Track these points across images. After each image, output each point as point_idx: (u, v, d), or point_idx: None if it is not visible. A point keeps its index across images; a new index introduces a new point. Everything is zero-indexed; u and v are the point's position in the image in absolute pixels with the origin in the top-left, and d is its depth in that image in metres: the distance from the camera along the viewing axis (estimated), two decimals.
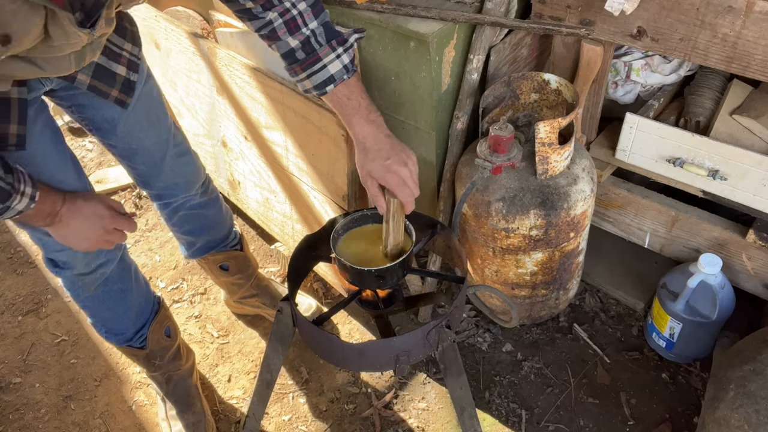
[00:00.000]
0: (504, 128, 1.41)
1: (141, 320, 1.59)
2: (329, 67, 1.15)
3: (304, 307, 1.92)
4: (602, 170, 1.64)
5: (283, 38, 1.15)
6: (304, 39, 1.14)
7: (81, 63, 1.06)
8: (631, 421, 1.61)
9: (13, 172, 1.04)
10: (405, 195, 1.16)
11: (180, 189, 1.56)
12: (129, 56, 1.26)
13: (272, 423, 1.71)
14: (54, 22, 0.87)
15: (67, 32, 0.89)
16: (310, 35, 1.14)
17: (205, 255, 1.77)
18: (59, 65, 1.02)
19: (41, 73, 1.01)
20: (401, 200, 1.16)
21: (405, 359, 1.14)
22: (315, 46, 1.15)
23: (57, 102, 1.28)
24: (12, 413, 1.79)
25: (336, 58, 1.16)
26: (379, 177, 1.16)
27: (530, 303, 1.70)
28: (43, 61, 0.98)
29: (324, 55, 1.15)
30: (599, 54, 1.46)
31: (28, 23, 0.82)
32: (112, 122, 1.33)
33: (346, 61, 1.17)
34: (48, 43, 0.90)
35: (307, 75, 1.17)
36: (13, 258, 2.26)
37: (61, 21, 0.87)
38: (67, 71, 1.06)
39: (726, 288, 1.55)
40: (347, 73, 1.17)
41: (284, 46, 1.16)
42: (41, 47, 0.91)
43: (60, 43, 0.91)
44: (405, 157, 1.17)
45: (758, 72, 1.26)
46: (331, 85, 1.16)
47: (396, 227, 1.19)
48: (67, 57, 1.01)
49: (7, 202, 1.03)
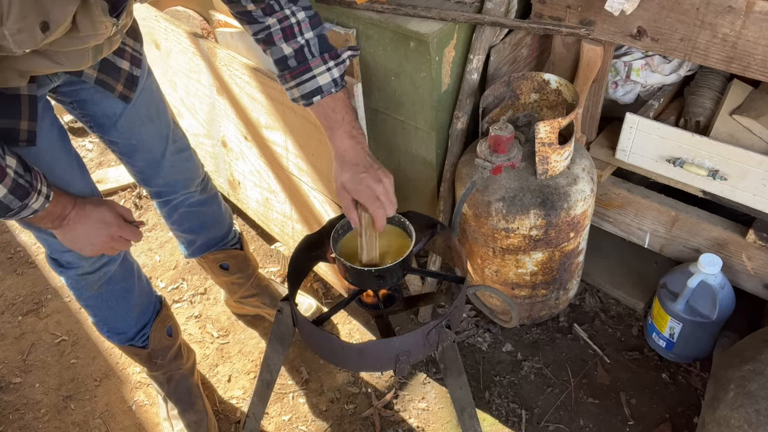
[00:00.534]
0: (504, 128, 1.41)
1: (143, 320, 1.59)
2: (318, 78, 1.17)
3: (304, 307, 1.92)
4: (602, 170, 1.64)
5: (278, 44, 1.16)
6: (298, 47, 1.16)
7: (98, 56, 1.08)
8: (631, 421, 1.61)
9: (31, 170, 1.04)
10: (375, 208, 1.15)
11: (179, 186, 1.56)
12: (132, 51, 1.28)
13: (272, 423, 1.71)
14: (83, 12, 0.88)
15: (94, 22, 0.91)
16: (304, 44, 1.16)
17: (205, 254, 1.77)
18: (78, 60, 1.03)
19: (59, 68, 1.02)
20: (372, 214, 1.16)
21: (405, 359, 1.14)
22: (307, 56, 1.16)
23: (59, 99, 1.29)
24: (12, 413, 1.79)
25: (326, 71, 1.17)
26: (352, 189, 1.16)
27: (530, 303, 1.70)
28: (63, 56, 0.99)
29: (315, 66, 1.16)
30: (599, 54, 1.46)
31: (65, 11, 0.84)
32: (112, 118, 1.34)
33: (335, 75, 1.18)
34: (73, 34, 0.92)
35: (296, 83, 1.18)
36: (13, 258, 2.26)
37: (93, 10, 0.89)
38: (85, 65, 1.07)
39: (726, 288, 1.55)
40: (335, 86, 1.18)
41: (278, 52, 1.17)
42: (64, 39, 0.93)
43: (86, 33, 0.93)
44: (381, 174, 1.17)
45: (758, 72, 1.26)
46: (318, 96, 1.18)
47: (368, 242, 1.19)
48: (87, 51, 1.03)
49: (26, 200, 1.03)
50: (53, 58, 0.98)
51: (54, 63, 1.00)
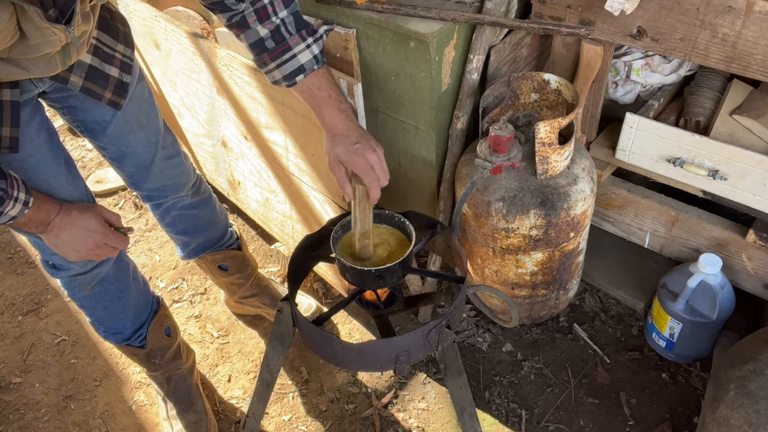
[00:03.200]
0: (504, 128, 1.41)
1: (140, 320, 1.59)
2: (299, 56, 1.15)
3: (304, 307, 1.92)
4: (602, 170, 1.64)
5: (253, 26, 1.14)
6: (274, 28, 1.14)
7: (67, 62, 1.05)
8: (631, 421, 1.61)
9: (6, 177, 1.03)
10: (371, 179, 1.15)
11: (169, 190, 1.56)
12: (122, 58, 1.25)
13: (272, 423, 1.71)
14: (26, 19, 0.86)
15: (40, 29, 0.88)
16: (279, 24, 1.14)
17: (202, 255, 1.77)
18: (45, 66, 1.01)
19: (27, 74, 1.00)
20: (367, 185, 1.15)
21: (405, 359, 1.14)
22: (285, 35, 1.15)
23: (49, 104, 1.28)
24: (12, 413, 1.79)
25: (306, 48, 1.16)
26: (346, 160, 1.16)
27: (530, 303, 1.70)
28: (29, 63, 0.97)
29: (294, 45, 1.15)
30: (599, 54, 1.46)
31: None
32: (102, 124, 1.33)
33: (315, 52, 1.17)
34: (25, 42, 0.89)
35: (276, 65, 1.16)
36: (13, 258, 2.26)
37: (31, 17, 0.85)
38: (54, 71, 1.05)
39: (726, 288, 1.55)
40: (317, 63, 1.17)
41: (253, 35, 1.15)
42: (20, 47, 0.90)
43: (37, 41, 0.90)
44: (374, 144, 1.17)
45: (758, 72, 1.26)
46: (300, 75, 1.16)
47: (362, 214, 1.18)
48: (53, 57, 1.00)
49: (0, 207, 1.03)
50: (20, 65, 0.96)
51: (21, 69, 0.97)
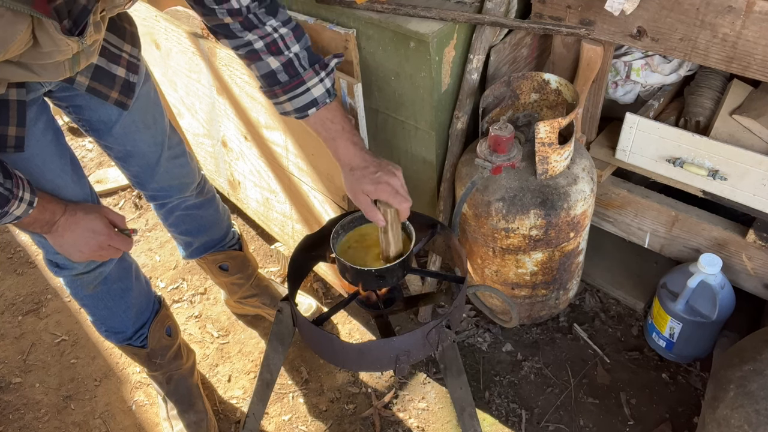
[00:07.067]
0: (504, 128, 1.41)
1: (141, 319, 1.59)
2: (312, 90, 1.16)
3: (304, 307, 1.92)
4: (602, 170, 1.64)
5: (264, 59, 1.14)
6: (287, 61, 1.15)
7: (75, 68, 1.06)
8: (631, 421, 1.61)
9: (12, 177, 1.04)
10: (399, 202, 1.15)
11: (174, 191, 1.56)
12: (128, 58, 1.25)
13: (272, 423, 1.71)
14: (41, 30, 0.87)
15: (54, 40, 0.89)
16: (293, 58, 1.15)
17: (204, 255, 1.77)
18: (55, 71, 1.01)
19: (36, 77, 1.00)
20: (397, 208, 1.16)
21: (405, 359, 1.14)
22: (299, 69, 1.15)
23: (55, 103, 1.28)
24: (12, 413, 1.79)
25: (319, 82, 1.17)
26: (371, 191, 1.16)
27: (530, 303, 1.70)
28: (39, 67, 0.98)
29: (308, 79, 1.16)
30: (599, 54, 1.46)
31: (12, 30, 0.83)
32: (108, 123, 1.33)
33: (328, 85, 1.18)
34: (38, 49, 0.90)
35: (288, 98, 1.17)
36: (13, 258, 2.26)
37: (47, 29, 0.87)
38: (63, 76, 1.05)
39: (726, 288, 1.55)
40: (329, 96, 1.18)
41: (265, 66, 1.15)
42: (32, 53, 0.91)
43: (49, 49, 0.91)
44: (392, 168, 1.17)
45: (758, 72, 1.26)
46: (313, 108, 1.17)
47: (395, 236, 1.19)
48: (62, 63, 1.01)
49: (6, 207, 1.03)
50: (29, 68, 0.97)
51: (30, 72, 0.98)
